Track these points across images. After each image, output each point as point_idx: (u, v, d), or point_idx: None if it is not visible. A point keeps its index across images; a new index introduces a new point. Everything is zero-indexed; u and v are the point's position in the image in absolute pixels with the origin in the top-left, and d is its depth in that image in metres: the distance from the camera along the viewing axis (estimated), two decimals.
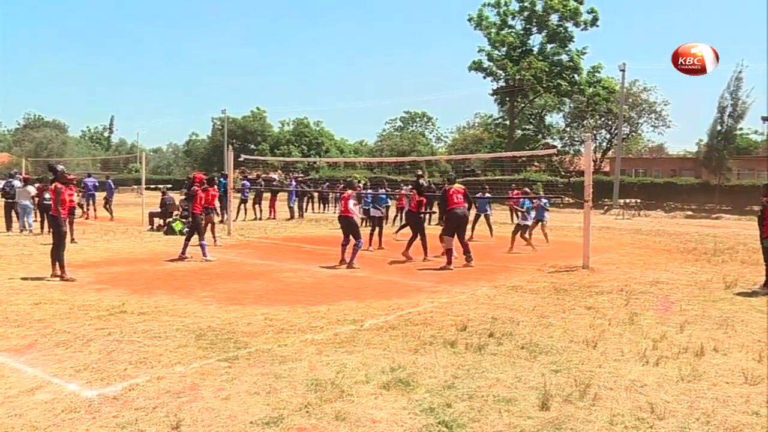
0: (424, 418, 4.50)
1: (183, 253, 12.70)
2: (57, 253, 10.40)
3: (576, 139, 60.45)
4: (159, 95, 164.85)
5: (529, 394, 5.00)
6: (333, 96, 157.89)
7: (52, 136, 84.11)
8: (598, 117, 57.94)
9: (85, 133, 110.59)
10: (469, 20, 54.85)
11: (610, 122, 57.46)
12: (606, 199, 38.27)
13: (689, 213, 35.16)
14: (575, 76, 53.40)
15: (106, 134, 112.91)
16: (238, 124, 77.82)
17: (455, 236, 12.51)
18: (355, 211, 12.74)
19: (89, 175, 26.87)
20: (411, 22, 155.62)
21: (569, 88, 53.44)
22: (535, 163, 52.01)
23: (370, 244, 15.43)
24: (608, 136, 59.59)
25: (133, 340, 6.48)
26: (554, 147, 54.88)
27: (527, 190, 17.95)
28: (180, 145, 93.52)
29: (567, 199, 25.12)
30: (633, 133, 61.86)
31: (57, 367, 5.59)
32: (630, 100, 55.50)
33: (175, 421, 4.33)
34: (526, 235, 15.59)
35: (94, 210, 25.17)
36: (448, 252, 12.51)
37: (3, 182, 20.13)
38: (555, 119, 64.29)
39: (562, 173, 49.14)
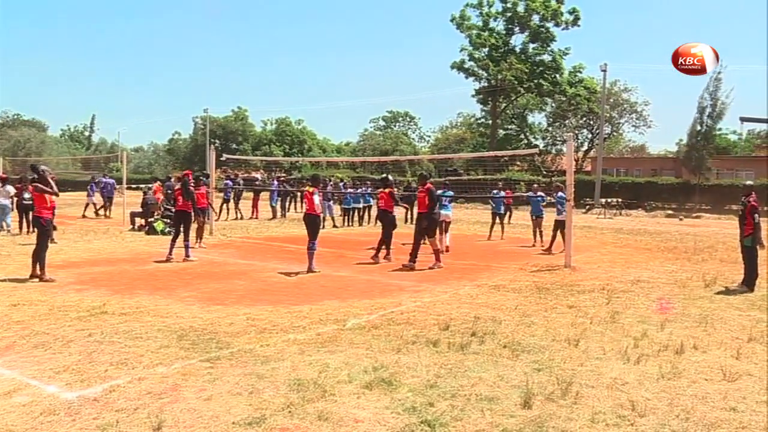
0: (407, 417, 4.50)
1: (170, 253, 12.58)
2: (39, 254, 10.30)
3: (558, 138, 60.87)
4: (140, 94, 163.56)
5: (512, 393, 5.02)
6: (315, 95, 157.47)
7: (30, 134, 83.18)
8: (579, 117, 58.36)
9: (65, 132, 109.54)
10: (452, 20, 55.09)
11: (591, 122, 57.92)
12: (587, 199, 38.55)
13: (669, 212, 35.46)
14: (557, 76, 53.79)
15: (86, 133, 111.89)
16: (220, 124, 77.43)
17: (425, 235, 12.41)
18: (320, 208, 12.56)
19: (105, 175, 26.45)
20: (393, 21, 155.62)
21: (551, 88, 53.79)
22: (518, 163, 52.29)
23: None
24: (590, 135, 60.12)
25: (114, 341, 6.43)
26: (536, 147, 55.24)
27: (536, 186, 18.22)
28: (161, 145, 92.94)
29: (549, 198, 25.25)
30: (614, 133, 62.45)
31: (36, 369, 5.53)
32: (611, 100, 56.01)
33: (157, 422, 4.31)
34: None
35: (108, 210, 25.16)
36: (437, 252, 12.52)
37: None
38: (537, 119, 64.72)
39: (544, 173, 49.44)
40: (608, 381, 5.37)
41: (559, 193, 14.83)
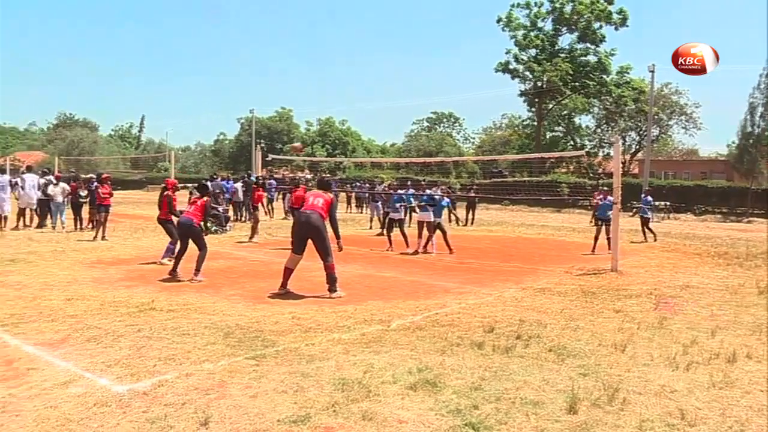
0: (451, 419, 4.48)
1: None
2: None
3: (605, 140, 59.90)
4: (187, 95, 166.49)
5: (557, 397, 4.95)
6: (360, 96, 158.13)
7: (83, 134, 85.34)
8: (627, 118, 57.33)
9: (115, 132, 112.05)
10: (498, 21, 54.73)
11: (639, 124, 56.79)
12: (634, 202, 37.79)
13: (720, 216, 34.60)
14: (603, 77, 52.98)
15: (134, 132, 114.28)
16: (265, 124, 78.23)
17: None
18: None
19: (222, 178, 26.45)
20: (438, 22, 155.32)
21: (598, 89, 53.00)
22: (564, 165, 51.69)
23: (390, 245, 15.61)
24: (637, 137, 58.94)
25: (162, 337, 6.55)
26: (583, 148, 54.51)
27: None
28: (208, 145, 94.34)
29: (594, 201, 25.07)
30: (663, 135, 61.14)
31: (89, 361, 5.68)
32: (660, 101, 54.84)
33: (204, 417, 4.37)
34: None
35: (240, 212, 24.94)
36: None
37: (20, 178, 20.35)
38: (584, 121, 63.80)
39: (591, 175, 48.76)
40: (656, 388, 5.25)
41: (608, 198, 14.97)
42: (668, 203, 34.91)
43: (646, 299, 9.35)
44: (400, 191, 18.26)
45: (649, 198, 19.85)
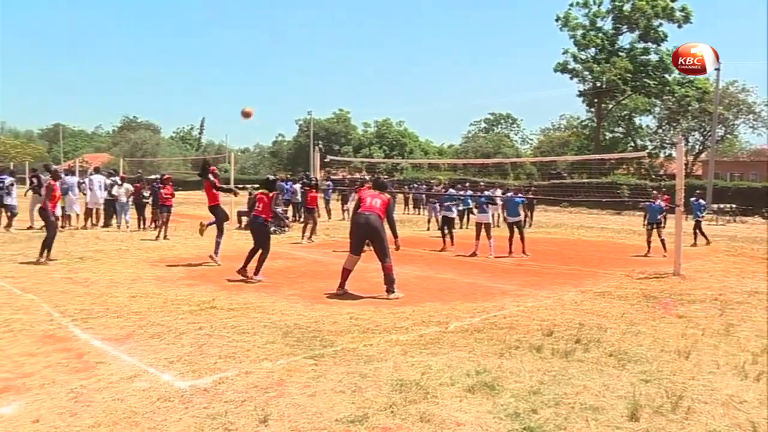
0: (509, 423, 4.43)
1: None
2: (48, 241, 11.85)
3: (667, 141, 58.43)
4: (246, 97, 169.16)
5: (618, 404, 4.84)
6: (417, 97, 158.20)
7: (146, 136, 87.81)
8: (690, 118, 55.79)
9: (177, 134, 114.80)
10: (557, 20, 54.04)
11: (704, 123, 55.19)
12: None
13: None
14: (665, 76, 51.71)
15: (195, 134, 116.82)
16: (323, 126, 78.87)
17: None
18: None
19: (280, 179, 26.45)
20: (496, 22, 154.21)
21: (659, 89, 51.75)
22: (624, 166, 50.68)
23: (444, 245, 15.76)
24: (701, 138, 57.28)
25: (222, 335, 6.66)
26: (644, 149, 53.29)
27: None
28: (266, 146, 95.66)
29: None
30: (728, 135, 59.23)
31: (152, 357, 5.82)
32: (726, 100, 53.16)
33: (263, 415, 4.43)
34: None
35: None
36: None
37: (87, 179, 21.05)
38: (646, 121, 62.36)
39: (652, 176, 47.65)
40: (724, 398, 5.05)
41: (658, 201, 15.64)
42: (734, 206, 33.84)
43: (711, 305, 9.07)
44: (451, 191, 18.26)
45: (701, 201, 19.34)
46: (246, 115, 12.77)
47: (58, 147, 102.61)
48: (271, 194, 10.94)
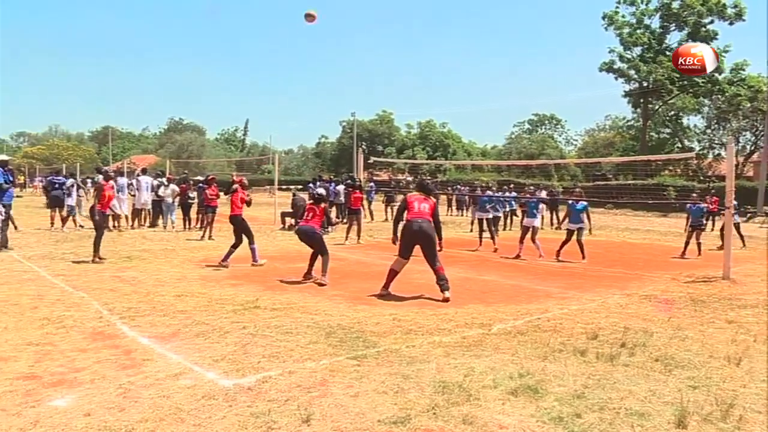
0: (553, 427, 4.38)
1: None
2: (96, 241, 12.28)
3: (716, 141, 57.10)
4: (290, 99, 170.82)
5: (664, 410, 4.73)
6: (461, 98, 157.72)
7: (192, 138, 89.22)
8: (741, 118, 54.41)
9: (221, 135, 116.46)
10: (603, 18, 53.25)
11: (756, 123, 53.78)
12: (749, 206, 35.82)
13: None
14: (715, 75, 50.52)
15: (239, 135, 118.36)
16: (366, 127, 79.08)
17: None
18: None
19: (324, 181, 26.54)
20: (539, 22, 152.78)
21: (709, 88, 50.58)
22: (670, 168, 49.71)
23: (480, 244, 16.15)
24: (753, 138, 55.80)
25: (266, 335, 6.72)
26: (691, 150, 52.22)
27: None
28: (310, 148, 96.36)
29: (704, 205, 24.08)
30: None
31: (197, 355, 5.90)
32: None
33: (306, 414, 4.44)
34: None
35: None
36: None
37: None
38: (694, 121, 61.03)
39: (701, 178, 46.63)
40: None
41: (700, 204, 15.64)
42: None
43: (763, 310, 8.81)
44: (488, 193, 18.19)
45: (701, 204, 18.37)
46: (310, 17, 13.00)
47: (107, 149, 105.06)
48: (322, 206, 11.14)
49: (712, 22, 50.29)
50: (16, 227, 18.14)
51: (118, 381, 5.11)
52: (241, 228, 12.36)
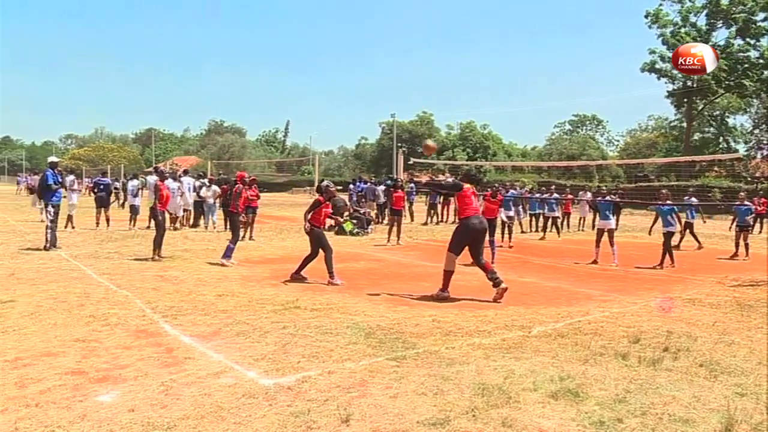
0: (594, 431, 4.32)
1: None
2: (158, 239, 12.69)
3: (765, 142, 55.73)
4: (331, 100, 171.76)
5: (710, 417, 4.62)
6: (502, 99, 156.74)
7: (233, 140, 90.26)
8: None
9: (262, 136, 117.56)
10: (646, 16, 52.29)
11: None
12: None
13: None
14: (765, 73, 49.20)
15: (279, 137, 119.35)
16: (406, 128, 79.05)
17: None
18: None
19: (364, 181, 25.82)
20: (581, 23, 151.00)
21: (756, 87, 49.32)
22: (715, 169, 48.65)
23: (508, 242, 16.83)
24: None
25: (305, 335, 6.76)
26: (736, 151, 51.07)
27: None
28: (350, 148, 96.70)
29: (753, 207, 23.52)
30: None
31: (238, 354, 5.97)
32: None
33: (345, 414, 4.46)
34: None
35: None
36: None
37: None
38: (740, 120, 59.68)
39: (748, 179, 45.54)
40: None
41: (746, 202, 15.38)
42: None
43: None
44: (512, 192, 18.18)
45: (747, 203, 17.31)
46: (429, 149, 12.71)
47: (150, 150, 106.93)
48: (320, 198, 10.91)
49: (766, 18, 48.83)
50: (74, 226, 18.68)
51: (160, 378, 5.21)
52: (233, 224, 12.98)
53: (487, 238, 12.12)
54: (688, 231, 17.98)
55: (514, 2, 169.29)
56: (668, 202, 14.27)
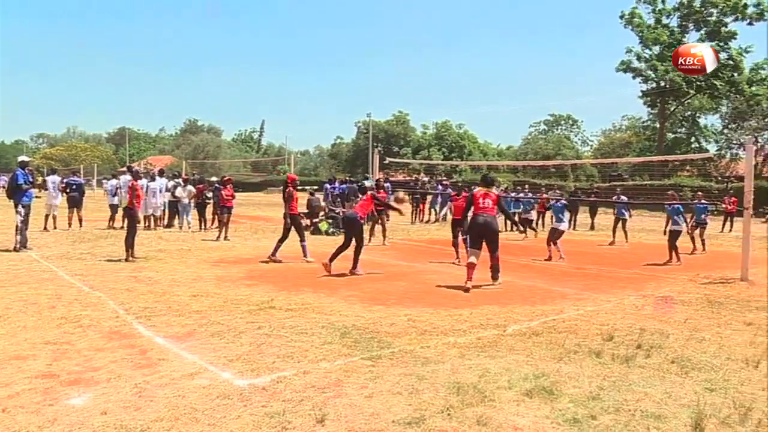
0: (568, 428, 4.35)
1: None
2: (130, 240, 12.37)
3: (734, 141, 56.53)
4: (306, 100, 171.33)
5: (681, 412, 4.68)
6: (477, 100, 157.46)
7: (208, 139, 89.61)
8: (760, 117, 53.81)
9: (238, 136, 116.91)
10: (621, 17, 52.92)
11: None
12: (767, 207, 35.31)
13: None
14: (735, 75, 50.02)
15: (255, 136, 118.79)
16: (382, 128, 79.09)
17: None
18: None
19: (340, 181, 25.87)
20: (555, 22, 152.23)
21: (727, 89, 50.12)
22: (687, 168, 49.31)
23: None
24: None
25: (281, 335, 6.73)
26: (707, 151, 51.81)
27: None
28: (326, 148, 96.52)
29: (722, 206, 23.85)
30: None
31: (212, 355, 5.92)
32: None
33: (320, 415, 4.45)
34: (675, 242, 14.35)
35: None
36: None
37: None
38: (711, 121, 60.49)
39: (718, 178, 46.19)
40: None
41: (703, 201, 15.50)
42: None
43: None
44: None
45: (704, 202, 17.75)
46: None
47: (124, 149, 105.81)
48: (369, 194, 11.88)
49: (737, 19, 49.63)
50: (56, 227, 18.47)
51: (133, 380, 5.15)
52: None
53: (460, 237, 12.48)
54: (621, 227, 18.64)
55: (490, 3, 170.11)
56: (674, 202, 14.61)
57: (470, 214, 10.65)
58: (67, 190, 19.86)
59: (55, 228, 18.61)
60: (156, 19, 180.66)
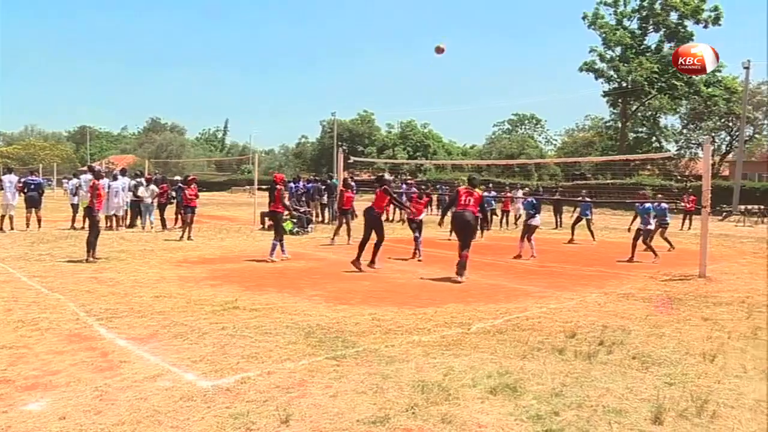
0: (531, 425, 4.40)
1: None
2: (91, 240, 12.22)
3: (693, 141, 57.74)
4: (271, 99, 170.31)
5: (641, 407, 4.78)
6: (442, 98, 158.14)
7: (171, 138, 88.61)
8: (717, 118, 55.06)
9: (202, 135, 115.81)
10: (583, 18, 53.63)
11: (730, 124, 54.44)
12: (724, 205, 36.14)
13: None
14: (692, 76, 51.02)
15: (219, 135, 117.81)
16: (347, 127, 78.99)
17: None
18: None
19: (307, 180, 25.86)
20: (519, 24, 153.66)
21: (686, 89, 51.12)
22: (648, 167, 50.17)
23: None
24: (728, 138, 56.50)
25: (245, 335, 6.68)
26: (668, 150, 52.78)
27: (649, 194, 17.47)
28: (291, 147, 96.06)
29: (682, 204, 24.30)
30: (756, 135, 58.33)
31: (175, 357, 5.86)
32: (755, 99, 52.35)
33: (285, 415, 4.43)
34: (648, 241, 14.54)
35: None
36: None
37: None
38: (671, 121, 61.64)
39: (678, 177, 47.09)
40: (750, 403, 4.96)
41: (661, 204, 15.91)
42: (762, 207, 33.25)
43: (738, 308, 8.92)
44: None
45: (665, 205, 17.70)
46: (439, 50, 13.55)
47: (85, 148, 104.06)
48: (384, 188, 12.18)
49: (697, 21, 50.60)
50: (12, 228, 18.10)
51: (94, 383, 5.06)
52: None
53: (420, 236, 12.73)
54: (586, 226, 19.17)
55: (454, 3, 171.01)
56: (646, 201, 14.77)
57: (453, 210, 11.18)
58: (25, 190, 19.43)
59: (12, 229, 18.22)
60: (119, 15, 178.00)
